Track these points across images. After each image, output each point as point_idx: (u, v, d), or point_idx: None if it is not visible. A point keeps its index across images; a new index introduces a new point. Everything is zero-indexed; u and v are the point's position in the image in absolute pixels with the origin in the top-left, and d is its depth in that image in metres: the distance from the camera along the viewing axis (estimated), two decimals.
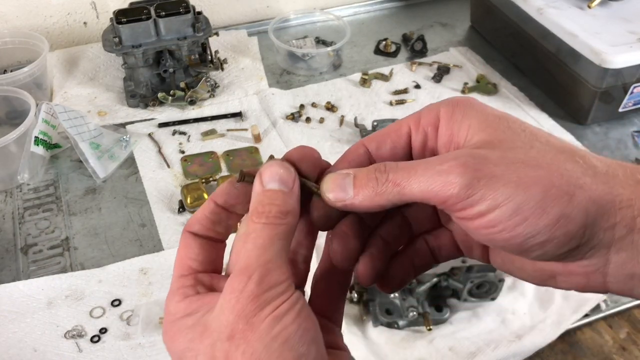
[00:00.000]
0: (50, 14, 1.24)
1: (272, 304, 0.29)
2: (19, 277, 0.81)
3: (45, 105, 0.95)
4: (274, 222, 0.31)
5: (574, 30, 0.99)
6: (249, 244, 0.31)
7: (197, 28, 1.04)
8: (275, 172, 0.32)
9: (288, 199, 0.32)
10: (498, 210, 0.29)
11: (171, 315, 0.33)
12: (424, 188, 0.30)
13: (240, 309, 0.29)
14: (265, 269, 0.30)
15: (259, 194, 0.33)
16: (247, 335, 0.29)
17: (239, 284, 0.30)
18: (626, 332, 0.75)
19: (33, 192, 0.94)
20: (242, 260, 0.31)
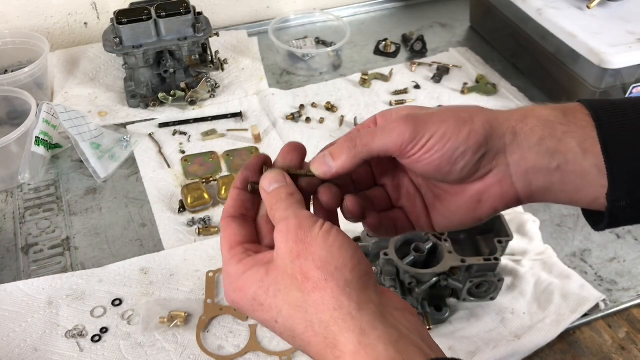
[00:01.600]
0: (51, 15, 1.24)
1: (316, 225, 0.39)
2: (19, 276, 0.81)
3: (46, 105, 0.95)
4: (286, 198, 0.42)
5: (573, 30, 1.00)
6: (277, 214, 0.41)
7: (197, 28, 1.05)
8: (270, 178, 0.44)
9: (288, 187, 0.43)
10: (433, 139, 0.42)
11: (232, 275, 0.41)
12: (386, 141, 0.43)
13: (294, 237, 0.39)
14: (296, 211, 0.40)
15: (267, 197, 0.43)
16: (309, 249, 0.38)
17: (283, 226, 0.40)
18: (625, 332, 0.75)
19: (34, 192, 0.94)
20: (277, 219, 0.41)
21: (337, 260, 0.38)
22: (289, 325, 0.39)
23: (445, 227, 0.49)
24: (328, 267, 0.37)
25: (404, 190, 0.50)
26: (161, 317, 0.74)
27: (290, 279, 0.38)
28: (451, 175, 0.44)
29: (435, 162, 0.43)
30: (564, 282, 0.78)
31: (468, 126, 0.43)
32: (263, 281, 0.39)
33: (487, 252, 0.75)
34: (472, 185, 0.45)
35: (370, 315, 0.37)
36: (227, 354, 0.71)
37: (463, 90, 1.14)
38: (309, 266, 0.38)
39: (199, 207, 0.89)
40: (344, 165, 0.44)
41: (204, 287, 0.78)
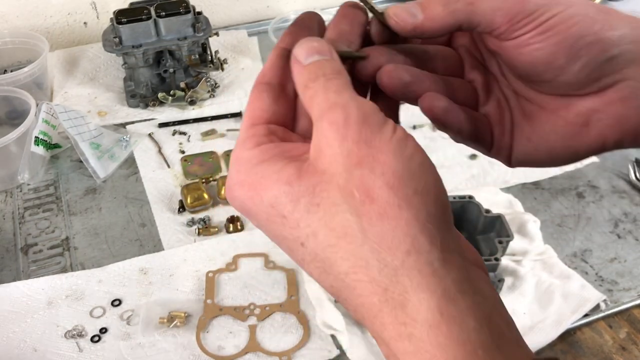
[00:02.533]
0: (50, 14, 1.24)
1: (387, 126, 0.27)
2: (19, 277, 0.81)
3: (45, 105, 0.95)
4: (332, 77, 0.29)
5: None
6: (319, 97, 0.28)
7: (197, 28, 1.04)
8: (310, 46, 0.30)
9: (333, 63, 0.30)
10: (557, 16, 0.32)
11: (243, 162, 0.29)
12: (498, 3, 0.32)
13: (355, 135, 0.26)
14: (356, 97, 0.27)
15: (302, 72, 0.30)
16: (378, 157, 0.26)
17: (337, 114, 0.27)
18: (626, 332, 0.75)
19: (33, 192, 0.94)
20: (323, 105, 0.28)
21: (419, 181, 0.26)
22: (325, 256, 0.27)
23: (525, 157, 0.37)
24: (405, 188, 0.26)
25: (494, 94, 0.38)
26: (161, 317, 0.74)
27: (342, 194, 0.26)
28: (562, 76, 0.33)
29: (549, 49, 0.32)
30: (565, 283, 0.78)
31: (606, 16, 0.32)
32: (291, 185, 0.27)
33: (487, 252, 0.75)
34: (581, 100, 0.34)
35: (457, 273, 0.26)
36: (226, 354, 0.71)
37: None
38: (377, 182, 0.26)
39: (198, 207, 0.89)
40: (435, 18, 0.32)
41: (203, 287, 0.78)
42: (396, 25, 0.33)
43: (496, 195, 0.90)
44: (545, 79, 0.34)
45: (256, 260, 0.82)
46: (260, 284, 0.79)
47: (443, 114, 0.35)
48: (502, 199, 0.90)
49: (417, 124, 1.06)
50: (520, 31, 0.32)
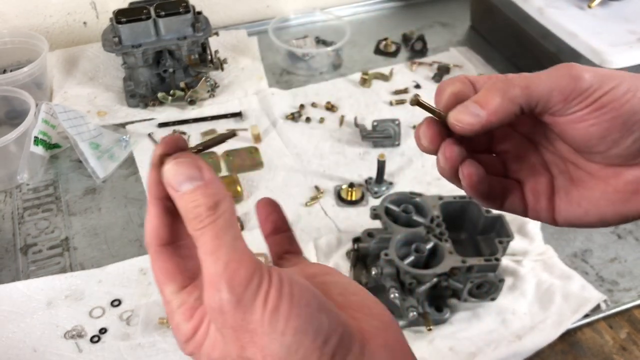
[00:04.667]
0: (50, 14, 1.24)
1: (257, 301, 0.28)
2: (18, 277, 0.81)
3: (44, 105, 0.95)
4: (209, 221, 0.29)
5: (574, 30, 0.99)
6: (202, 254, 0.29)
7: (197, 28, 1.04)
8: (178, 172, 0.30)
9: (208, 190, 0.30)
10: (611, 92, 0.33)
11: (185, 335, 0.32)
12: (552, 83, 0.34)
13: (231, 323, 0.28)
14: (230, 271, 0.28)
15: (179, 202, 0.30)
16: (256, 341, 0.28)
17: (214, 300, 0.28)
18: (626, 332, 0.75)
19: (33, 192, 0.94)
20: (205, 274, 0.29)
21: (297, 353, 0.28)
22: None
23: (575, 219, 0.38)
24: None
25: (528, 162, 0.39)
26: (160, 317, 0.73)
27: None
28: (615, 149, 0.35)
29: (604, 125, 0.34)
30: (565, 283, 0.77)
31: None
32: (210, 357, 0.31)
33: (487, 253, 0.75)
34: (630, 170, 0.35)
35: None
36: None
37: None
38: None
39: None
40: (497, 111, 0.34)
41: None
42: (463, 130, 0.35)
43: None
44: (598, 151, 0.35)
45: None
46: None
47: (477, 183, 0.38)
48: None
49: (416, 124, 1.05)
50: (575, 108, 0.34)
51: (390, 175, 0.96)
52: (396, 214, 0.75)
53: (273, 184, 0.95)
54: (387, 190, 0.93)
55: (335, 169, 0.97)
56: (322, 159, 0.99)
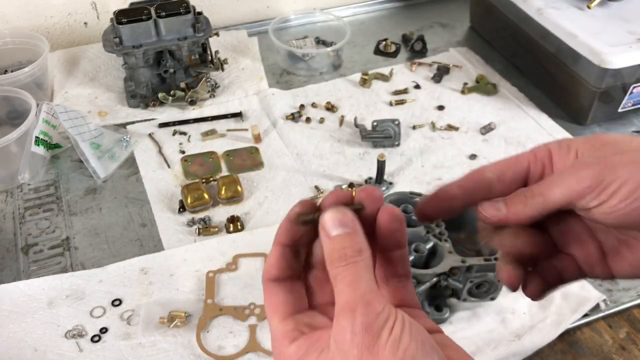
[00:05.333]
0: (50, 14, 1.24)
1: (385, 329, 0.32)
2: (19, 277, 0.81)
3: (45, 105, 0.95)
4: (352, 260, 0.34)
5: (573, 30, 1.00)
6: (339, 285, 0.34)
7: (197, 28, 1.04)
8: (335, 218, 0.36)
9: (355, 238, 0.35)
10: (626, 186, 0.36)
11: (289, 357, 0.36)
12: (563, 190, 0.38)
13: (359, 342, 0.32)
14: (366, 300, 0.33)
15: (328, 243, 0.35)
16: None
17: (347, 320, 0.32)
18: (625, 332, 0.75)
19: (34, 192, 0.94)
20: (340, 300, 0.33)
21: None
22: None
23: (632, 275, 0.42)
24: None
25: (573, 234, 0.43)
26: (161, 317, 0.74)
27: None
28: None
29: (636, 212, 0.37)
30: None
31: None
32: None
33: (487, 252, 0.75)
34: None
35: None
36: (227, 354, 0.71)
37: (463, 90, 1.14)
38: None
39: (198, 207, 0.89)
40: (518, 213, 0.40)
41: (204, 287, 0.78)
42: (485, 219, 0.41)
43: None
44: (635, 228, 0.39)
45: (256, 260, 0.82)
46: (260, 283, 0.78)
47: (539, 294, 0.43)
48: None
49: (416, 124, 1.06)
50: (597, 202, 0.38)
51: (390, 175, 0.96)
52: None
53: (273, 184, 0.95)
54: (387, 190, 0.93)
55: (335, 169, 0.98)
56: (322, 159, 1.00)
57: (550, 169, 0.42)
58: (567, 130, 1.05)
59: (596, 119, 1.06)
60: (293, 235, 0.38)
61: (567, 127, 1.06)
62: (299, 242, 0.39)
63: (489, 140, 1.03)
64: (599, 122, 1.07)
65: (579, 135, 1.04)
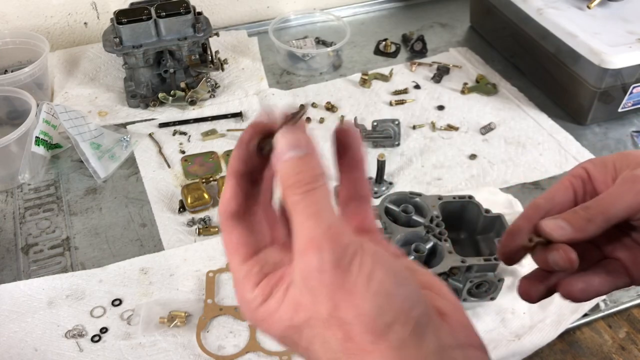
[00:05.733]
0: (51, 15, 1.24)
1: (354, 264, 0.30)
2: (19, 276, 0.81)
3: (46, 105, 0.95)
4: (310, 187, 0.31)
5: (573, 30, 1.00)
6: (299, 217, 0.31)
7: (197, 28, 1.05)
8: (287, 140, 0.32)
9: (311, 161, 0.32)
10: None
11: (250, 303, 0.33)
12: (624, 206, 0.41)
13: (328, 280, 0.30)
14: (331, 235, 0.30)
15: (281, 167, 0.32)
16: (350, 300, 0.29)
17: (314, 259, 0.30)
18: (625, 332, 0.75)
19: (34, 192, 0.94)
20: (302, 235, 0.30)
21: (386, 314, 0.29)
22: None
23: None
24: (376, 325, 0.29)
25: (619, 241, 0.45)
26: (161, 317, 0.74)
27: (329, 332, 0.31)
28: None
29: None
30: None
31: None
32: (292, 320, 0.32)
33: (487, 252, 0.75)
34: None
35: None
36: (227, 354, 0.71)
37: (463, 90, 1.14)
38: (353, 324, 0.30)
39: (198, 207, 0.89)
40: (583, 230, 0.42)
41: (204, 287, 0.78)
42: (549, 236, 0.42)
43: (496, 195, 0.91)
44: None
45: None
46: None
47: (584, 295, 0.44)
48: (501, 198, 0.90)
49: (416, 124, 1.06)
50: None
51: (390, 175, 0.96)
52: (396, 213, 0.76)
53: None
54: (387, 190, 0.93)
55: None
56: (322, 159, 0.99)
57: (591, 185, 0.46)
58: (567, 130, 1.05)
59: (596, 119, 1.06)
60: (248, 163, 0.35)
61: (567, 127, 1.06)
62: (255, 168, 0.35)
63: (489, 140, 1.03)
64: (599, 122, 1.07)
65: (579, 135, 1.04)
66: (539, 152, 1.00)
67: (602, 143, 1.03)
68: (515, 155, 1.00)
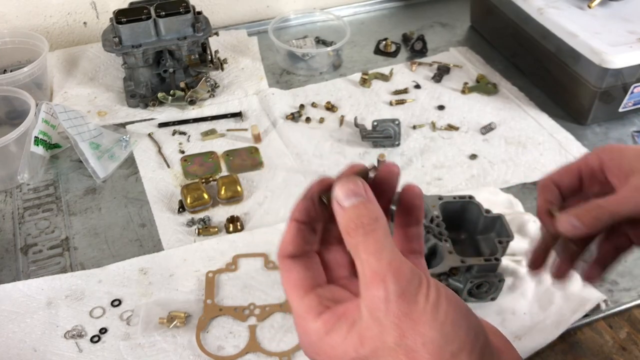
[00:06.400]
0: (50, 14, 1.24)
1: (421, 295, 0.32)
2: (18, 277, 0.81)
3: (45, 105, 0.95)
4: (370, 229, 0.34)
5: (574, 30, 0.99)
6: (362, 255, 0.33)
7: (197, 28, 1.04)
8: (347, 188, 0.35)
9: (370, 206, 0.35)
10: None
11: (312, 334, 0.35)
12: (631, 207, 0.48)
13: (395, 310, 0.31)
14: (394, 268, 0.32)
15: (342, 214, 0.35)
16: (417, 329, 0.31)
17: (379, 289, 0.32)
18: (626, 332, 0.75)
19: (33, 192, 0.94)
20: (366, 270, 0.33)
21: (453, 343, 0.31)
22: None
23: None
24: (443, 353, 0.31)
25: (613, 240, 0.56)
26: (160, 317, 0.73)
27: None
28: None
29: None
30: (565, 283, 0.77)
31: None
32: (357, 351, 0.33)
33: (487, 253, 0.75)
34: None
35: None
36: (226, 355, 0.71)
37: (463, 90, 1.14)
38: (420, 352, 0.31)
39: (198, 207, 0.89)
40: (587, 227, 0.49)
41: (203, 287, 0.78)
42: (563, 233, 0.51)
43: (496, 195, 0.90)
44: None
45: (256, 260, 0.82)
46: (260, 284, 0.79)
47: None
48: (502, 199, 0.90)
49: (416, 124, 1.06)
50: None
51: None
52: None
53: (273, 184, 0.95)
54: None
55: (335, 169, 0.97)
56: (322, 159, 1.00)
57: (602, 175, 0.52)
58: (567, 130, 1.05)
59: (597, 119, 1.06)
60: (310, 213, 0.38)
61: (567, 127, 1.05)
62: (315, 219, 0.38)
63: (489, 140, 1.03)
64: (600, 122, 1.07)
65: (579, 135, 1.04)
66: (540, 152, 1.00)
67: (603, 143, 1.03)
68: (515, 155, 1.00)
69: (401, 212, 0.39)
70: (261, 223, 0.88)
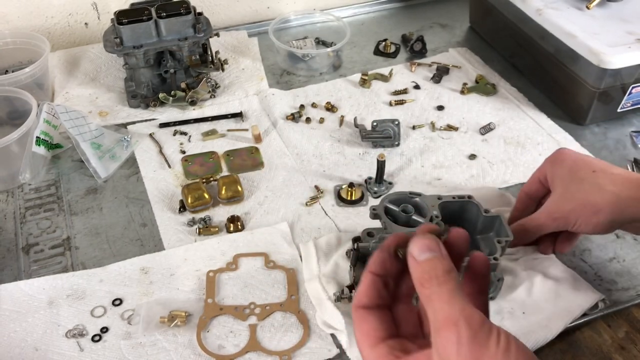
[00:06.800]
0: (51, 15, 1.24)
1: (492, 340, 0.34)
2: (20, 276, 0.81)
3: (46, 105, 0.95)
4: (444, 280, 0.37)
5: (572, 30, 1.00)
6: (435, 303, 0.36)
7: (197, 29, 1.05)
8: (422, 244, 0.39)
9: (444, 260, 0.38)
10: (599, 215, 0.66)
11: None
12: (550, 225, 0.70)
13: (466, 353, 0.33)
14: (465, 314, 0.34)
15: (417, 268, 0.38)
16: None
17: (451, 333, 0.34)
18: (625, 332, 0.75)
19: (34, 192, 0.94)
20: (439, 317, 0.35)
21: None
22: None
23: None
24: None
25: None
26: (161, 316, 0.74)
27: None
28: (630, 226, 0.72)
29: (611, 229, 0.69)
30: (564, 282, 0.78)
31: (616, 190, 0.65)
32: None
33: (486, 252, 0.75)
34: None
35: None
36: (227, 354, 0.71)
37: (463, 91, 1.14)
38: None
39: (199, 207, 0.89)
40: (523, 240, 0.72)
41: (204, 286, 0.78)
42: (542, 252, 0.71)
43: (496, 195, 0.91)
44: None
45: (256, 259, 0.82)
46: (260, 283, 0.79)
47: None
48: (501, 198, 0.90)
49: (416, 124, 1.06)
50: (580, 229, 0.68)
51: (389, 175, 0.96)
52: (396, 213, 0.76)
53: (273, 184, 0.95)
54: (387, 190, 0.93)
55: (335, 169, 0.98)
56: (322, 159, 1.00)
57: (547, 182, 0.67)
58: (566, 130, 1.05)
59: (595, 119, 1.06)
60: (385, 266, 0.40)
61: (566, 127, 1.06)
62: (390, 273, 0.41)
63: (489, 140, 1.04)
64: (598, 122, 1.07)
65: (578, 135, 1.04)
66: (539, 152, 1.01)
67: (602, 143, 1.04)
68: (514, 155, 1.00)
69: (469, 279, 0.42)
70: (261, 223, 0.88)
